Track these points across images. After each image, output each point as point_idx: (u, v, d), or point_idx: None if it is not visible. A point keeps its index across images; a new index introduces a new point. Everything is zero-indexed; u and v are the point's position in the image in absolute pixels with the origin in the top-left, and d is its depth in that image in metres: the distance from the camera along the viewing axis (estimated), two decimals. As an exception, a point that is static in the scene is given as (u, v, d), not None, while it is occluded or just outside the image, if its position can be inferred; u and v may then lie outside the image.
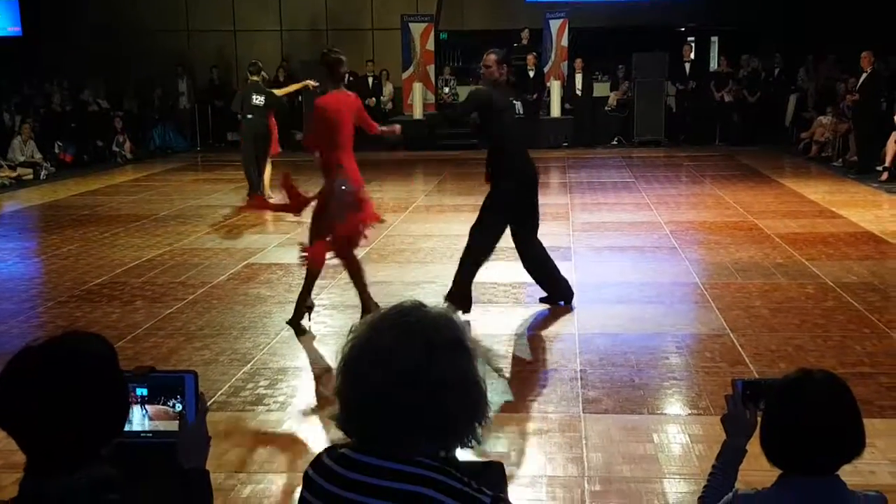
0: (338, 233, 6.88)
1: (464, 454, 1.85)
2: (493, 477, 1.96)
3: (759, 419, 2.34)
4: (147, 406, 2.10)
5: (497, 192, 7.21)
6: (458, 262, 7.32)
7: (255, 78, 13.16)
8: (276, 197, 10.99)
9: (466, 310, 7.02)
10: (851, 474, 2.24)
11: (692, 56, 20.49)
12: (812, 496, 2.18)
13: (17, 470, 1.84)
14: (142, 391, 2.09)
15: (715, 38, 23.28)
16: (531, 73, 19.82)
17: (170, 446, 2.06)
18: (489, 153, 7.34)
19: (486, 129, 7.29)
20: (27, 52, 19.85)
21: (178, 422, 2.10)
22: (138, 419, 2.09)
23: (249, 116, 13.07)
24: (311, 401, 5.55)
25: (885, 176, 13.82)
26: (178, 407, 2.10)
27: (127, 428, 1.91)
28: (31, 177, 16.00)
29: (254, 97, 12.95)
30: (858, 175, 14.50)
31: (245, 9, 22.07)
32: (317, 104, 7.16)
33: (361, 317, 7.01)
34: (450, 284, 7.28)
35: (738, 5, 20.87)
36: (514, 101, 7.97)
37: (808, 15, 20.14)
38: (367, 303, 7.04)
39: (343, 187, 6.85)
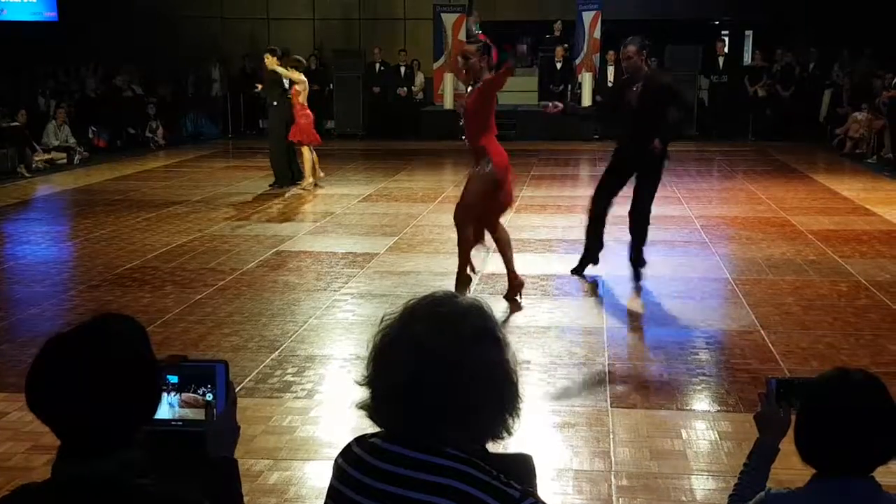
0: (488, 210, 7.16)
1: (493, 446, 1.84)
2: (522, 470, 1.96)
3: (792, 418, 2.31)
4: (177, 394, 2.10)
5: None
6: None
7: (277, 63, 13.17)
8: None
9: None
10: (884, 475, 2.21)
11: (726, 50, 20.31)
12: (846, 497, 2.15)
13: (48, 451, 1.85)
14: (172, 378, 2.09)
15: (749, 32, 23.08)
16: (559, 65, 19.74)
17: (199, 435, 2.06)
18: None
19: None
20: (63, 37, 19.99)
21: (206, 409, 2.10)
22: (168, 407, 2.09)
23: (275, 104, 13.06)
24: (339, 389, 5.56)
25: (920, 174, 13.67)
26: (210, 397, 2.10)
27: (157, 416, 1.91)
28: (64, 161, 16.13)
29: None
30: (893, 172, 14.33)
31: (278, -4, 22.12)
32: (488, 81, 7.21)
33: (508, 294, 7.27)
34: (477, 275, 7.34)
35: (773, -1, 20.68)
36: None
37: (843, 9, 19.89)
38: (511, 279, 7.33)
39: (488, 168, 7.06)
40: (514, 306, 7.23)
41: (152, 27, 20.97)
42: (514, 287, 7.31)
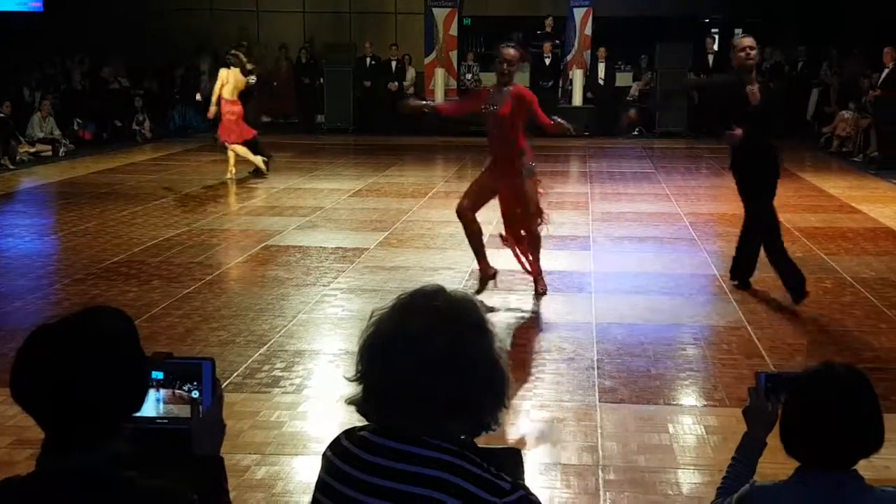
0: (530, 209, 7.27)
1: (481, 440, 1.85)
2: (511, 463, 1.96)
3: (780, 412, 2.33)
4: (162, 390, 2.10)
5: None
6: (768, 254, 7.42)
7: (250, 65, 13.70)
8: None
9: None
10: (865, 468, 2.23)
11: (715, 47, 20.34)
12: (830, 490, 2.17)
13: (32, 445, 1.85)
14: (158, 375, 2.08)
15: (739, 30, 23.11)
16: (547, 61, 19.74)
17: (185, 432, 2.05)
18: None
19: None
20: (48, 28, 19.88)
21: (192, 406, 2.09)
22: (153, 403, 2.08)
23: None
24: (327, 384, 5.56)
25: (906, 172, 13.72)
26: (196, 394, 2.09)
27: (142, 413, 1.90)
28: (49, 153, 16.05)
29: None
30: (879, 171, 14.40)
31: (268, -11, 22.06)
32: (524, 91, 7.35)
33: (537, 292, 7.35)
34: (466, 271, 7.31)
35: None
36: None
37: (833, 8, 19.96)
38: (535, 280, 7.48)
39: (531, 167, 7.27)
40: (504, 301, 7.24)
41: (140, 19, 20.88)
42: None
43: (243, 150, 13.35)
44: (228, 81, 13.21)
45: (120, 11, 20.71)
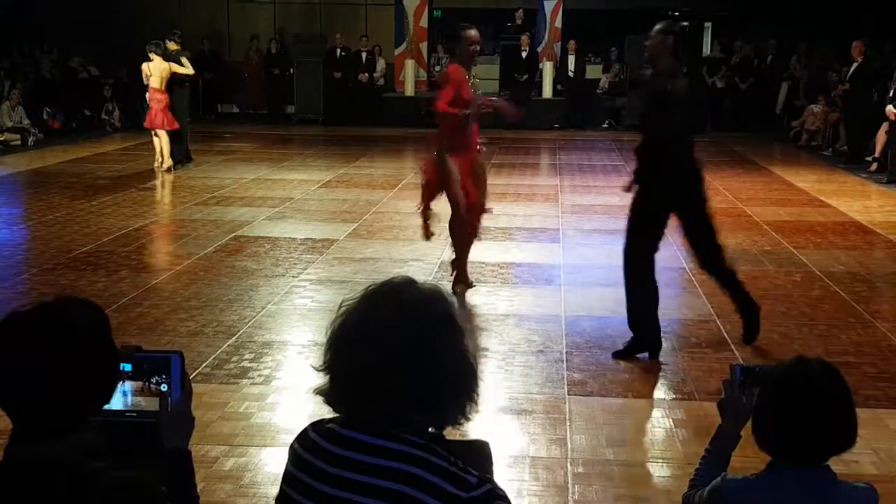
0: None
1: (450, 433, 1.84)
2: (479, 456, 1.96)
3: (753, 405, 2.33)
4: (130, 382, 2.08)
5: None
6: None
7: (177, 46, 13.76)
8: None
9: None
10: (835, 463, 2.24)
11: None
12: (801, 485, 2.18)
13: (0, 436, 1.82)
14: (126, 367, 2.06)
15: (708, 24, 23.23)
16: (524, 54, 19.75)
17: (153, 426, 2.04)
18: None
19: None
20: (16, 16, 19.63)
21: (161, 400, 2.08)
22: (121, 396, 2.06)
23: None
24: (296, 375, 5.53)
25: (874, 166, 13.83)
26: (164, 387, 2.08)
27: (109, 405, 1.88)
28: (18, 142, 15.88)
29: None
30: (848, 165, 14.51)
31: (238, -21, 21.90)
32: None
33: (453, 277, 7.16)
34: (436, 262, 7.26)
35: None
36: None
37: (802, 2, 20.09)
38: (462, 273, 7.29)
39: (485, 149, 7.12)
40: (474, 293, 7.23)
41: (109, 9, 20.65)
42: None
43: (166, 140, 13.32)
44: (152, 73, 13.21)
45: (88, 1, 20.49)
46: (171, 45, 13.71)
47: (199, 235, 9.20)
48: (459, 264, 7.20)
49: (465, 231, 7.06)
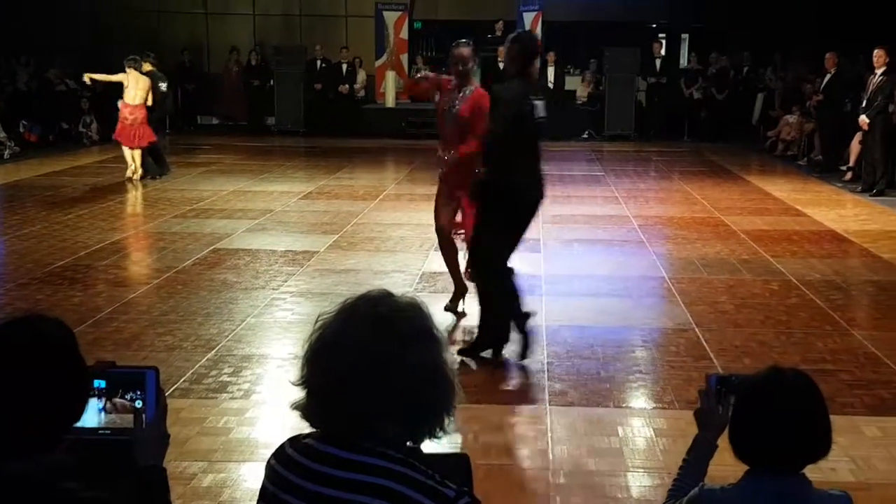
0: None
1: (430, 446, 1.84)
2: (458, 469, 1.96)
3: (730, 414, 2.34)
4: (105, 399, 2.06)
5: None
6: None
7: (152, 67, 13.80)
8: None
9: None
10: (812, 471, 2.25)
11: (662, 52, 20.57)
12: (778, 493, 2.19)
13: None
14: (100, 384, 2.04)
15: (685, 36, 23.40)
16: (501, 65, 19.78)
17: (128, 443, 2.02)
18: None
19: None
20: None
21: (135, 417, 2.06)
22: (95, 412, 2.04)
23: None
24: (276, 389, 5.50)
25: (849, 176, 13.95)
26: (139, 403, 2.06)
27: (83, 423, 1.87)
28: (-6, 156, 15.79)
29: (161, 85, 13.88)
30: (823, 174, 14.63)
31: (218, -9, 21.89)
32: (484, 95, 6.53)
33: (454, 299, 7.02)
34: (417, 273, 7.22)
35: (709, 3, 20.96)
36: None
37: (777, 14, 20.26)
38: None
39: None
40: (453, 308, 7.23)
41: (87, 21, 20.59)
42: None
43: (138, 154, 13.37)
44: (129, 84, 13.26)
45: (67, 13, 20.41)
46: (146, 66, 13.72)
47: (178, 248, 9.16)
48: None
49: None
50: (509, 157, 5.80)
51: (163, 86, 13.92)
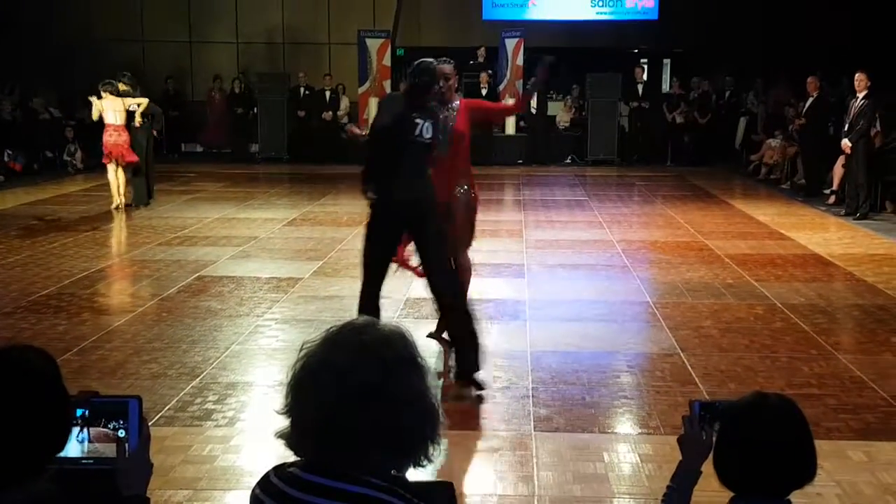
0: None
1: (414, 474, 1.84)
2: (444, 497, 1.96)
3: (714, 440, 2.35)
4: (88, 428, 2.05)
5: None
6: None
7: (126, 87, 13.69)
8: None
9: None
10: (798, 496, 2.25)
11: (644, 77, 20.73)
12: (762, 519, 2.20)
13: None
14: (82, 411, 2.04)
15: (667, 61, 23.59)
16: (483, 91, 19.92)
17: (111, 473, 2.01)
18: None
19: None
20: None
21: (118, 446, 2.05)
22: (77, 443, 2.04)
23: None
24: (261, 417, 5.48)
25: (832, 199, 14.04)
26: (122, 433, 2.06)
27: (66, 452, 1.86)
28: (-22, 185, 15.74)
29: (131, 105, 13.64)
30: (806, 198, 14.72)
31: (201, 20, 21.96)
32: (471, 102, 6.59)
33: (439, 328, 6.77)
34: (401, 300, 7.20)
35: (690, 29, 21.15)
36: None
37: (758, 39, 20.47)
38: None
39: (464, 190, 6.49)
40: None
41: (71, 49, 20.58)
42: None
43: (122, 179, 13.35)
44: (105, 110, 13.25)
45: (51, 41, 20.42)
46: (121, 87, 13.67)
47: (162, 276, 9.13)
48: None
49: None
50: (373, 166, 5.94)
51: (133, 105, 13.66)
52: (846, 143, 12.97)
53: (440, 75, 6.42)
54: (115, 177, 13.34)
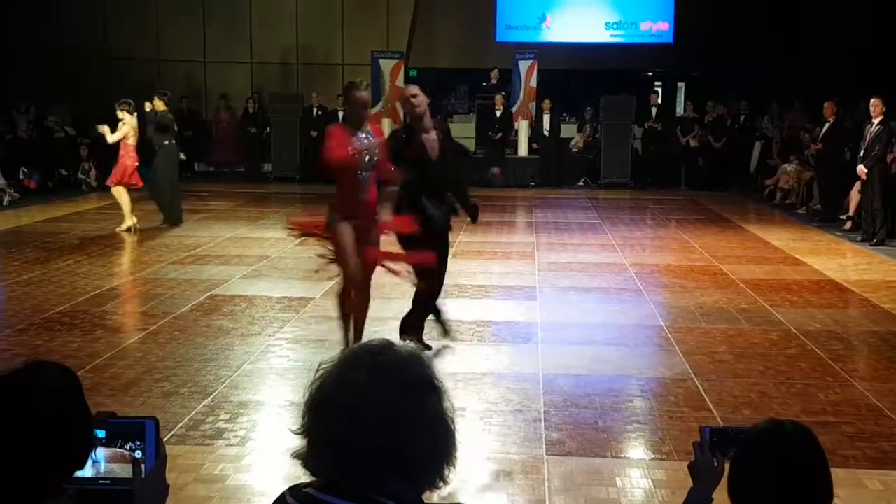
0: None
1: (428, 496, 1.82)
2: (458, 521, 1.94)
3: (726, 467, 2.32)
4: (104, 449, 2.04)
5: None
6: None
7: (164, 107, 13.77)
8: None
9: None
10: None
11: (659, 101, 20.73)
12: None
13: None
14: (99, 433, 2.03)
15: (682, 84, 23.60)
16: (498, 113, 19.98)
17: (128, 494, 2.00)
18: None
19: None
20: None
21: (134, 467, 2.04)
22: (92, 463, 2.03)
23: (166, 143, 13.59)
24: (273, 436, 5.47)
25: (848, 225, 13.98)
26: (139, 454, 2.05)
27: (83, 473, 1.85)
28: (-6, 202, 15.82)
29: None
30: (822, 223, 14.65)
31: (216, 40, 22.09)
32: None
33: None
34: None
35: (705, 52, 21.16)
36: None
37: (774, 64, 20.46)
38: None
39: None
40: (450, 352, 7.20)
41: (86, 69, 20.72)
42: None
43: (126, 200, 13.16)
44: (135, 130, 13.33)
45: (66, 61, 20.56)
46: (159, 104, 13.70)
47: (175, 295, 9.14)
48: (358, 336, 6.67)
49: (352, 304, 6.83)
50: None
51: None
52: (861, 168, 12.92)
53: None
54: (122, 197, 13.20)
